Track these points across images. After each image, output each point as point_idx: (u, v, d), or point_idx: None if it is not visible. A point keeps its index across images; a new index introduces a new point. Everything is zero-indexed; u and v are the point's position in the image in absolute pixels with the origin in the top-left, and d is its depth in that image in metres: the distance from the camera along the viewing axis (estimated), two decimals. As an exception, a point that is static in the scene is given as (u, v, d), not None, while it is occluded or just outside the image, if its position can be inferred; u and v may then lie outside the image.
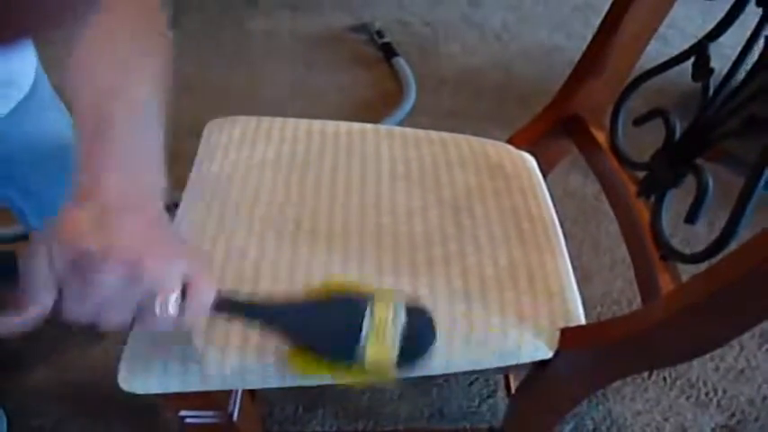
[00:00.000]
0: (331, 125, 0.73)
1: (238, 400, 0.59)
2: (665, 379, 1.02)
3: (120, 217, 0.35)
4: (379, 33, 1.88)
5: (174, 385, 0.49)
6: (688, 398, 1.00)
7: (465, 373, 0.53)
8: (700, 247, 0.48)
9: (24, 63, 0.69)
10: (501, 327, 0.52)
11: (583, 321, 0.55)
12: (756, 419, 0.97)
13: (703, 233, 1.16)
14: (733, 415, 0.98)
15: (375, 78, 1.74)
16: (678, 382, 1.02)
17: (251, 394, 0.71)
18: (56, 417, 0.93)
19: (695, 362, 1.05)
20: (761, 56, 0.50)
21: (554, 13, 2.07)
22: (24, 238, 1.17)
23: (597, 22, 0.66)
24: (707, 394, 1.00)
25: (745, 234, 0.46)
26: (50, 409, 0.94)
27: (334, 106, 1.63)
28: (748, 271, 0.39)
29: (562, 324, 0.53)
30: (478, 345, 0.51)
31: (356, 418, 0.95)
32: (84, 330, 1.03)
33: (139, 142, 0.40)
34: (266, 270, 0.54)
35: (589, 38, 0.67)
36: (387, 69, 1.77)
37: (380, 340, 0.42)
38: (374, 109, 1.60)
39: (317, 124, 0.73)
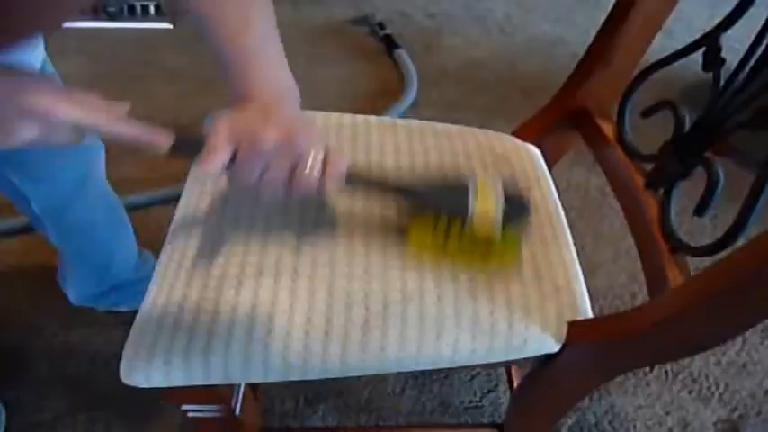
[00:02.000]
0: (334, 117, 0.72)
1: (241, 394, 0.58)
2: (666, 373, 1.02)
3: (278, 107, 0.46)
4: (381, 25, 1.87)
5: (176, 379, 0.48)
6: (690, 392, 1.00)
7: (468, 366, 0.53)
8: (704, 238, 0.48)
9: (31, 52, 0.68)
10: (507, 321, 0.52)
11: (590, 314, 0.54)
12: (758, 414, 0.97)
13: (708, 224, 1.16)
14: (735, 409, 0.98)
15: (376, 71, 1.73)
16: (680, 376, 1.01)
17: (253, 388, 0.71)
18: (55, 411, 0.93)
19: (697, 356, 1.04)
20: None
21: (557, 5, 2.06)
22: (19, 231, 1.15)
23: (600, 13, 0.65)
24: (709, 388, 1.00)
25: (753, 228, 0.45)
26: (50, 404, 0.93)
27: (334, 99, 1.62)
28: (759, 268, 0.39)
29: (569, 317, 0.53)
30: (485, 339, 0.51)
31: (357, 413, 0.94)
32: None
33: (273, 58, 0.51)
34: (269, 268, 0.54)
35: (592, 30, 0.66)
36: (388, 62, 1.76)
37: (485, 197, 0.50)
38: (375, 102, 1.59)
39: (319, 116, 0.72)
